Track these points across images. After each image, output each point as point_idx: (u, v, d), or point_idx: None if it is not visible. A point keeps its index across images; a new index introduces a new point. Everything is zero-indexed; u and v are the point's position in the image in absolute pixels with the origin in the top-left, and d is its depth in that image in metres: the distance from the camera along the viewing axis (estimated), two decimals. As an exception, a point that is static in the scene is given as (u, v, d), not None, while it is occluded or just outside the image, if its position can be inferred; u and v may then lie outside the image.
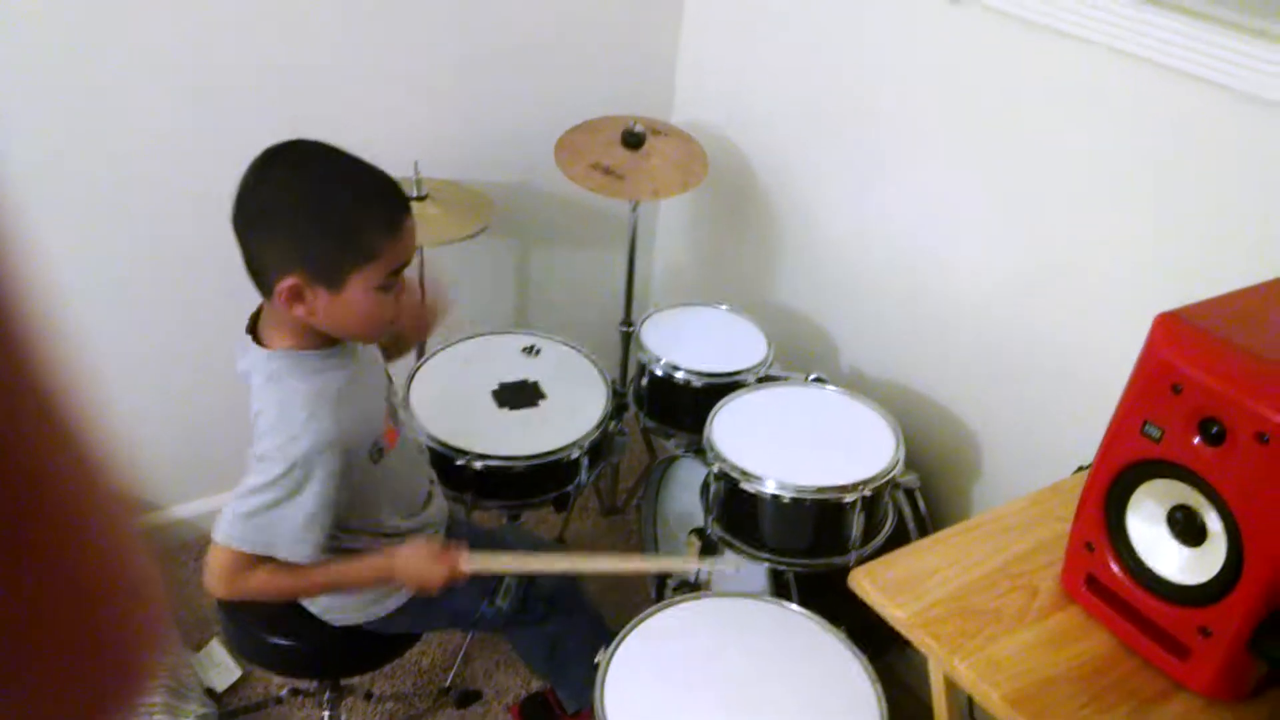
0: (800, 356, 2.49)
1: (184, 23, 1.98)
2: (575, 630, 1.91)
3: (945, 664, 1.26)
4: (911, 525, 2.00)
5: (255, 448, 1.47)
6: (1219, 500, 1.11)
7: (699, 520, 1.91)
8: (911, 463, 2.16)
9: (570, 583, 1.92)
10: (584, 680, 1.78)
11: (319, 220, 1.38)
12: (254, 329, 1.51)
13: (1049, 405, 1.93)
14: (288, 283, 1.37)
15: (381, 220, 1.40)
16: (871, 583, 1.37)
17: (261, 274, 1.41)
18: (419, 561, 1.57)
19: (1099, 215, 1.75)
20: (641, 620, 1.63)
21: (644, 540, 2.39)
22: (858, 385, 2.34)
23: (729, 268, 2.71)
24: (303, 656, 1.74)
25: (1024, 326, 1.93)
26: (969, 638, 1.28)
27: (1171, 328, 1.17)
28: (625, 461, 2.82)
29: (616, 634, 1.60)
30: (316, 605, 1.69)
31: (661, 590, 2.24)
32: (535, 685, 2.28)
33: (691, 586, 2.19)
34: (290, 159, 1.39)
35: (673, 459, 2.19)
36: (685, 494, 2.14)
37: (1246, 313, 1.23)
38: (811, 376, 2.07)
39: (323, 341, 1.48)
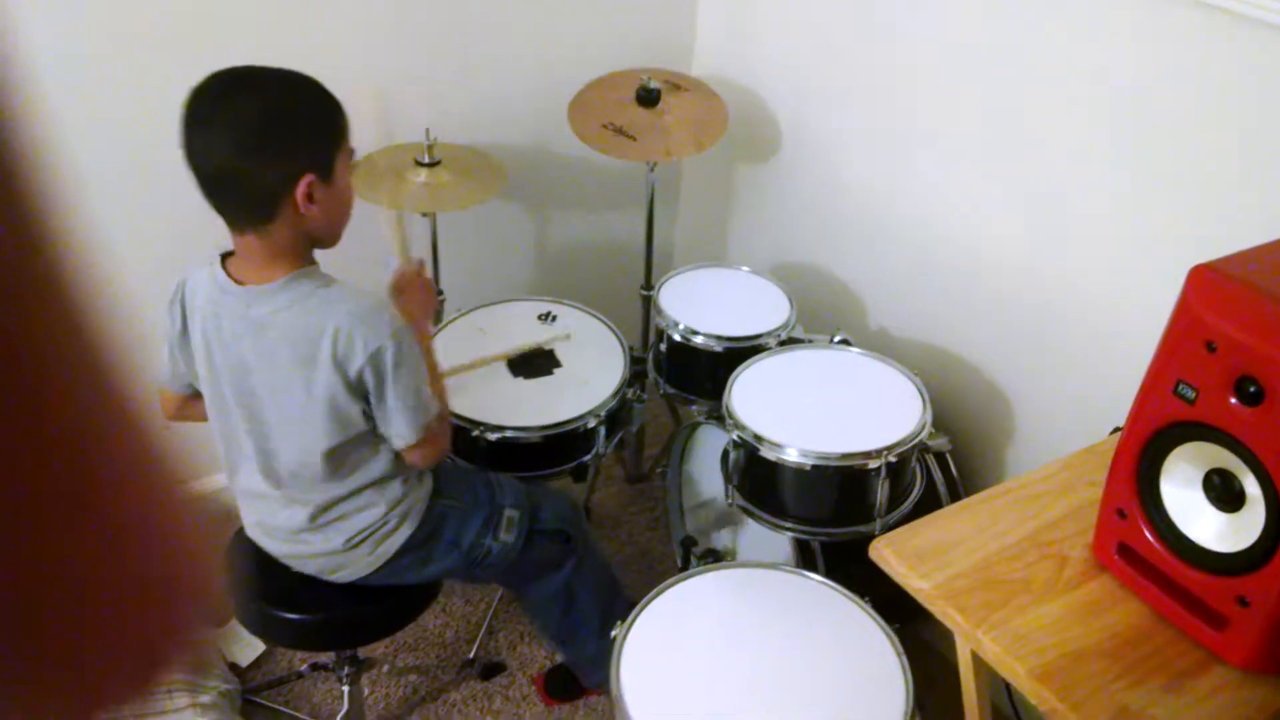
0: (827, 317, 2.42)
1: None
2: (587, 582, 1.89)
3: (970, 638, 1.21)
4: (943, 490, 1.94)
5: (358, 350, 1.50)
6: (1257, 464, 1.05)
7: (721, 488, 1.86)
8: (942, 425, 2.10)
9: (576, 514, 1.91)
10: (598, 654, 1.75)
11: (304, 118, 1.48)
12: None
13: (1085, 364, 1.86)
14: (303, 185, 1.44)
15: (336, 102, 1.49)
16: (894, 553, 1.31)
17: (269, 196, 1.45)
18: (408, 292, 1.72)
19: (1133, 165, 1.66)
20: (659, 593, 1.59)
21: (669, 508, 2.35)
22: (885, 346, 2.27)
23: (753, 226, 2.64)
24: (311, 628, 1.71)
25: (1056, 282, 1.85)
26: (995, 609, 1.23)
27: (1206, 281, 1.10)
28: (650, 428, 2.78)
29: (628, 594, 1.57)
30: (314, 564, 1.67)
31: (687, 560, 2.20)
32: (560, 657, 2.25)
33: (717, 556, 2.16)
34: (238, 84, 1.43)
35: (695, 425, 2.14)
36: (709, 461, 2.09)
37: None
38: (837, 338, 2.00)
39: (312, 259, 1.56)
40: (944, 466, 1.96)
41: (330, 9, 2.09)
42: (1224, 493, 1.11)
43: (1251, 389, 1.03)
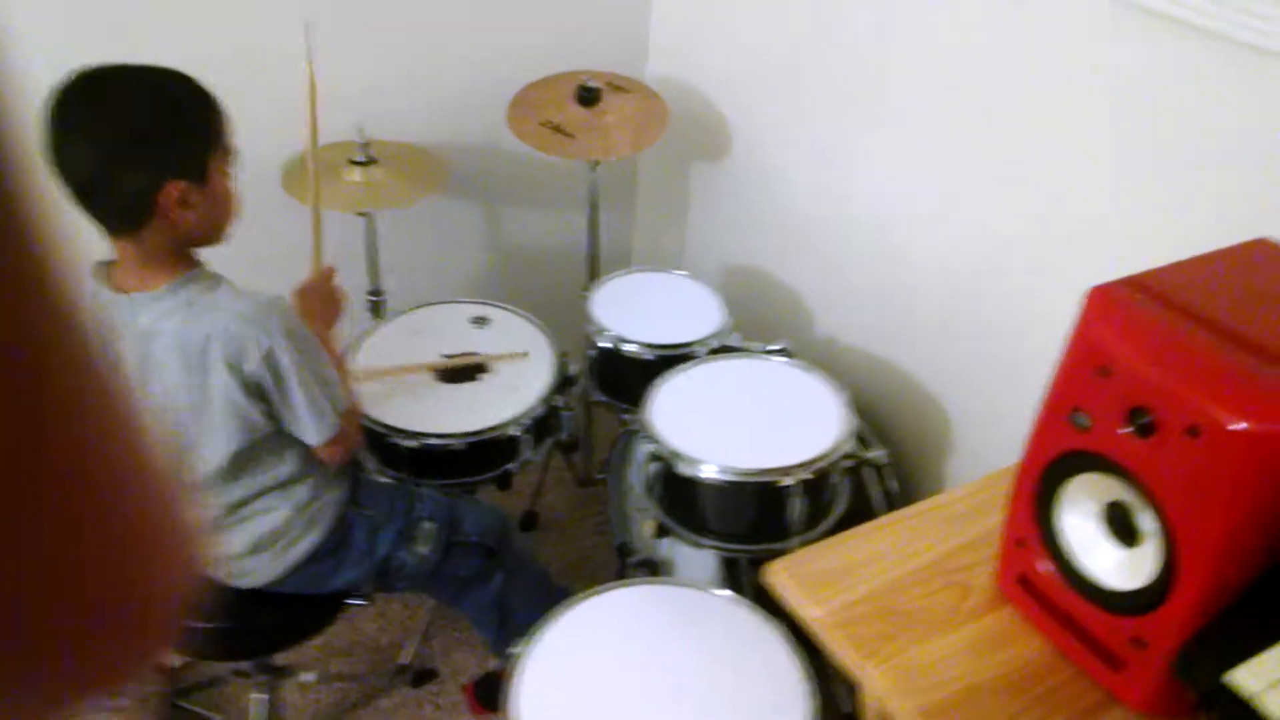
0: (775, 324, 2.37)
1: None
2: (520, 594, 1.85)
3: (858, 669, 1.16)
4: (879, 505, 1.89)
5: (251, 353, 1.45)
6: (1150, 499, 0.99)
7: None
8: (883, 437, 2.04)
9: (503, 527, 1.86)
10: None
11: (170, 120, 1.41)
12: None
13: (1027, 380, 1.78)
14: (173, 193, 1.39)
15: (210, 100, 1.43)
16: (790, 576, 1.26)
17: (135, 204, 1.40)
18: (313, 298, 1.68)
19: (1081, 182, 1.60)
20: (567, 609, 1.54)
21: (610, 514, 2.30)
22: (831, 355, 2.22)
23: (708, 231, 2.58)
24: (214, 636, 1.66)
25: (999, 296, 1.80)
26: (889, 640, 1.17)
27: (1104, 302, 1.04)
28: (601, 430, 2.73)
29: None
30: (222, 569, 1.63)
31: (624, 568, 2.15)
32: (493, 664, 2.21)
33: (652, 565, 2.10)
34: (100, 88, 1.37)
35: (635, 432, 2.09)
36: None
37: (1199, 284, 1.09)
38: (775, 347, 1.95)
39: (194, 261, 1.50)
40: (882, 480, 1.91)
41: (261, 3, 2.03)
42: (1122, 527, 1.05)
43: (1144, 419, 0.97)
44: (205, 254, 1.53)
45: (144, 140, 1.39)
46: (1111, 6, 1.46)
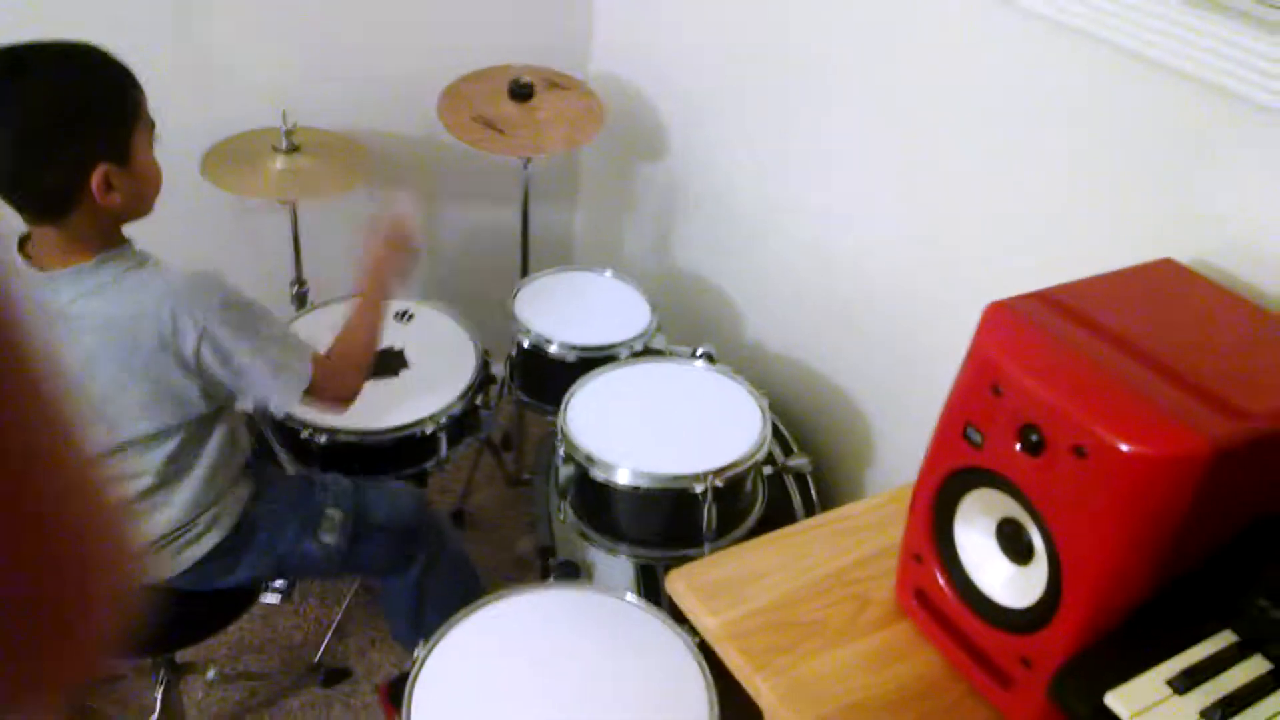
0: (704, 328, 2.36)
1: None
2: (441, 582, 1.81)
3: (748, 682, 1.14)
4: (801, 513, 1.88)
5: (188, 330, 1.41)
6: (1039, 517, 0.98)
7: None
8: (807, 445, 2.03)
9: (418, 509, 1.81)
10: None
11: (92, 103, 1.36)
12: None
13: (945, 391, 1.79)
14: (97, 176, 1.34)
15: (129, 77, 1.39)
16: (688, 585, 1.24)
17: (60, 189, 1.35)
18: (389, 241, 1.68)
19: (1012, 196, 1.59)
20: (472, 611, 1.51)
21: (537, 515, 2.27)
22: (758, 361, 2.21)
23: (645, 231, 2.56)
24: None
25: (921, 309, 1.79)
26: (782, 653, 1.16)
27: (999, 319, 1.03)
28: (533, 429, 2.70)
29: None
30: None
31: (545, 570, 2.13)
32: (407, 664, 2.17)
33: (574, 568, 2.08)
34: (13, 70, 1.31)
35: (559, 433, 2.06)
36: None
37: (1102, 302, 1.09)
38: (700, 351, 1.93)
39: (121, 238, 1.46)
40: (804, 488, 1.90)
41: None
42: (1014, 544, 1.05)
43: (1034, 437, 0.96)
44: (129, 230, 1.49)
45: (64, 127, 1.33)
46: (1023, 21, 1.45)
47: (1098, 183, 1.44)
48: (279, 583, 1.75)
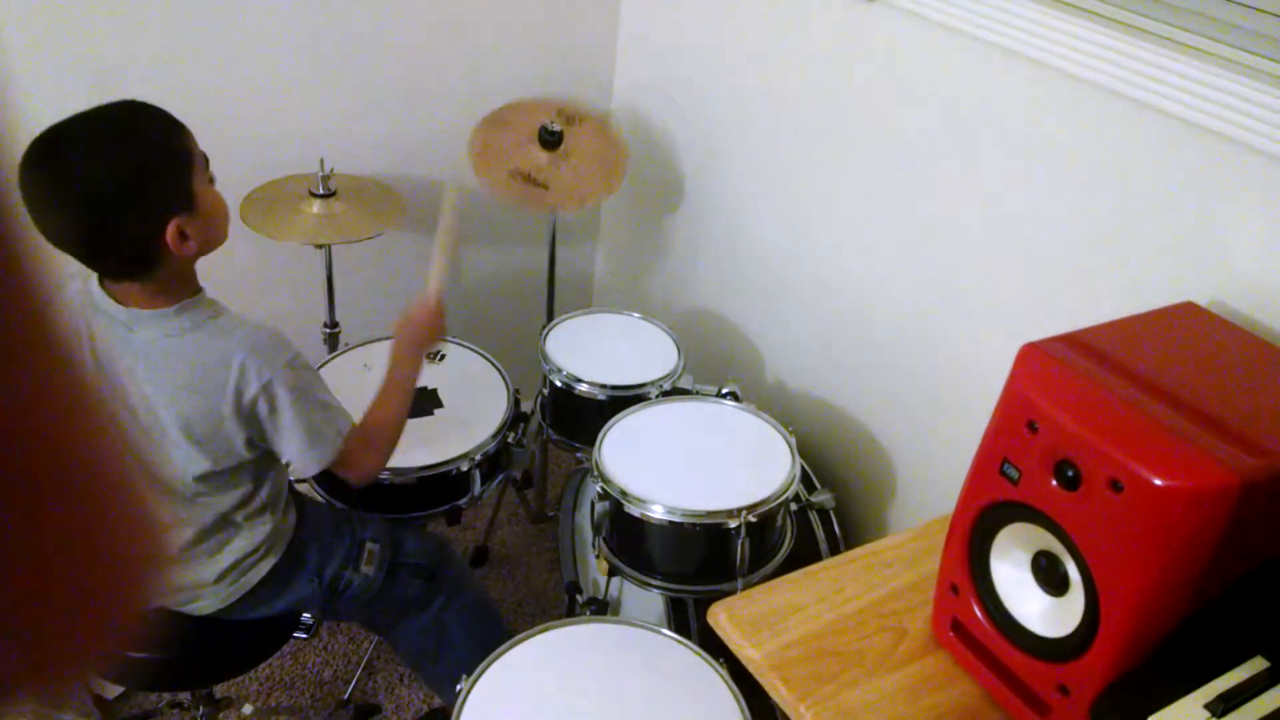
0: (727, 367, 2.41)
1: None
2: (460, 619, 1.86)
3: (791, 711, 1.18)
4: (825, 548, 1.92)
5: (252, 380, 1.46)
6: (1075, 549, 1.03)
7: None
8: (829, 481, 2.08)
9: (442, 550, 1.87)
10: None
11: (150, 164, 1.39)
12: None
13: (970, 427, 1.84)
14: (171, 230, 1.39)
15: (175, 124, 1.42)
16: (730, 618, 1.28)
17: (139, 253, 1.41)
18: (417, 326, 1.71)
19: (1032, 230, 1.64)
20: (511, 646, 1.55)
21: (561, 552, 2.31)
22: (780, 399, 2.26)
23: (665, 271, 2.62)
24: (158, 665, 1.65)
25: (944, 348, 1.84)
26: (824, 682, 1.20)
27: (1033, 359, 1.08)
28: (555, 467, 2.74)
29: (510, 632, 1.54)
30: (174, 597, 1.62)
31: (572, 606, 2.16)
32: (437, 702, 2.20)
33: (601, 604, 2.12)
34: (68, 151, 1.34)
35: (586, 470, 2.11)
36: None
37: (1128, 343, 1.14)
38: (725, 390, 1.98)
39: (198, 285, 1.52)
40: (827, 524, 1.94)
41: (226, 34, 2.05)
42: (1050, 576, 1.09)
43: (1070, 472, 1.01)
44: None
45: (129, 194, 1.36)
46: (1048, 75, 1.52)
47: (1117, 231, 1.49)
48: (305, 617, 1.80)
